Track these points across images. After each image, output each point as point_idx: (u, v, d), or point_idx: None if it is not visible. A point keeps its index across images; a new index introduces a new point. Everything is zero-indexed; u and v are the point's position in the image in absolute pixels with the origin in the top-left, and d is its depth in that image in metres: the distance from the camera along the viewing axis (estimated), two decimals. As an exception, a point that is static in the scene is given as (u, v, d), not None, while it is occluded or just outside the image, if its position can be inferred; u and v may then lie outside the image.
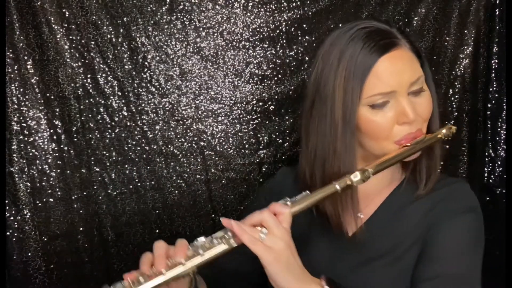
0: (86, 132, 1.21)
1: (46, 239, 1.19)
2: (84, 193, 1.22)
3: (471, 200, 0.89)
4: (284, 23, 1.25)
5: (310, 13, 1.25)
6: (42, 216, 1.19)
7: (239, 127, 1.27)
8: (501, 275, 1.24)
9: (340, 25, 1.09)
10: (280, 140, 1.30)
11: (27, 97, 1.16)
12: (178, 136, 1.25)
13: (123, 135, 1.23)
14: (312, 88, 0.87)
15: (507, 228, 1.14)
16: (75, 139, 1.20)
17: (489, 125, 1.35)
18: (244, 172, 1.29)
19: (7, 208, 1.16)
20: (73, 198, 1.21)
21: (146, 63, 1.21)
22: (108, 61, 1.19)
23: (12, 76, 1.15)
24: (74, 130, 1.20)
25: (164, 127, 1.24)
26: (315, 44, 1.25)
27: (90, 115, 1.20)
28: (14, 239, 1.17)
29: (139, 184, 1.25)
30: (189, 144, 1.26)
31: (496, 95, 1.33)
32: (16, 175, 1.17)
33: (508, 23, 1.25)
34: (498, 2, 1.29)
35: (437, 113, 0.88)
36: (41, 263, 1.19)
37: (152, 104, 1.23)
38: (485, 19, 1.31)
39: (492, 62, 1.32)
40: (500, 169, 1.34)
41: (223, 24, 1.23)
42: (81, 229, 1.22)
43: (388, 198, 0.91)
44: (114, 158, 1.23)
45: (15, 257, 1.17)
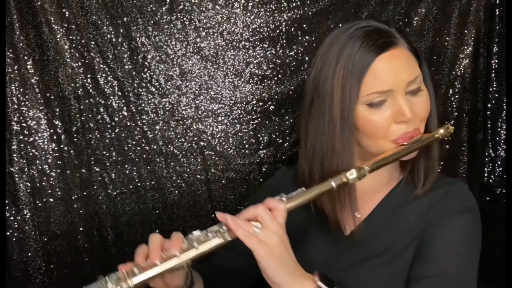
0: (86, 132, 1.21)
1: (46, 239, 1.19)
2: (84, 193, 1.22)
3: (469, 200, 0.89)
4: (284, 23, 1.24)
5: (310, 13, 1.25)
6: (42, 216, 1.19)
7: (239, 127, 1.27)
8: (501, 275, 1.24)
9: (340, 25, 1.09)
10: (280, 140, 1.30)
11: (27, 97, 1.16)
12: (178, 136, 1.25)
13: (123, 135, 1.23)
14: (311, 87, 0.88)
15: (507, 228, 1.14)
16: (75, 139, 1.20)
17: (489, 125, 1.35)
18: (244, 172, 1.29)
19: (7, 208, 1.16)
20: (73, 198, 1.21)
21: (146, 63, 1.21)
22: (108, 61, 1.19)
23: (12, 76, 1.15)
24: (74, 130, 1.20)
25: (164, 127, 1.24)
26: (315, 44, 1.25)
27: (90, 115, 1.21)
28: (14, 239, 1.17)
29: (139, 184, 1.25)
30: (189, 144, 1.26)
31: (496, 95, 1.33)
32: (16, 175, 1.17)
33: (508, 23, 1.25)
34: (498, 2, 1.29)
35: (435, 112, 0.88)
36: (41, 263, 1.19)
37: (152, 104, 1.23)
38: (485, 19, 1.31)
39: (492, 62, 1.32)
40: (500, 169, 1.34)
41: (223, 24, 1.23)
42: (81, 229, 1.22)
43: (386, 197, 0.91)
44: (114, 158, 1.23)
45: (15, 257, 1.17)
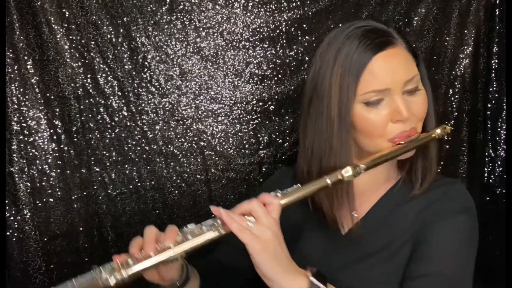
0: (86, 132, 1.21)
1: (46, 239, 1.20)
2: (84, 193, 1.22)
3: (466, 201, 0.89)
4: (284, 23, 1.25)
5: (310, 13, 1.25)
6: (42, 216, 1.19)
7: (239, 127, 1.27)
8: (501, 275, 1.24)
9: (340, 25, 1.09)
10: (280, 140, 1.30)
11: (27, 97, 1.16)
12: (178, 136, 1.25)
13: (123, 135, 1.23)
14: (310, 86, 0.88)
15: (507, 228, 1.14)
16: (75, 139, 1.21)
17: (489, 125, 1.35)
18: (244, 172, 1.29)
19: (7, 208, 1.16)
20: (73, 198, 1.21)
21: (146, 63, 1.21)
22: (108, 61, 1.19)
23: (12, 76, 1.15)
24: (74, 130, 1.20)
25: (164, 127, 1.24)
26: (315, 44, 1.25)
27: (90, 115, 1.21)
28: (14, 239, 1.17)
29: (139, 184, 1.25)
30: (189, 144, 1.26)
31: (496, 95, 1.33)
32: (16, 175, 1.17)
33: (508, 23, 1.25)
34: (498, 2, 1.29)
35: (433, 112, 0.88)
36: (41, 263, 1.19)
37: (152, 104, 1.23)
38: (485, 19, 1.31)
39: (492, 62, 1.32)
40: (500, 169, 1.34)
41: (223, 24, 1.23)
42: (81, 229, 1.22)
43: (384, 196, 0.92)
44: (114, 158, 1.23)
45: (15, 257, 1.18)
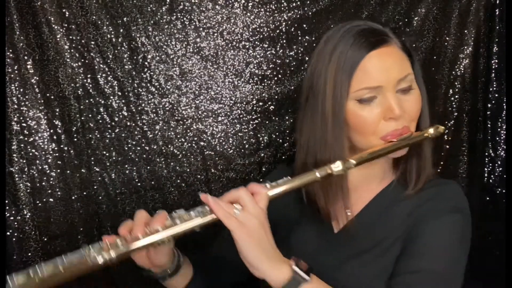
0: (86, 132, 1.21)
1: (46, 239, 1.19)
2: (84, 193, 1.22)
3: (460, 201, 0.89)
4: (284, 23, 1.25)
5: (310, 13, 1.25)
6: (42, 216, 1.19)
7: (239, 127, 1.27)
8: (501, 275, 1.24)
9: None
10: (280, 140, 1.30)
11: (27, 97, 1.16)
12: (178, 136, 1.25)
13: (123, 135, 1.23)
14: (306, 84, 0.90)
15: (507, 228, 1.14)
16: (75, 139, 1.20)
17: (489, 125, 1.35)
18: (244, 172, 1.29)
19: (7, 208, 1.16)
20: (73, 198, 1.21)
21: (146, 63, 1.21)
22: (108, 61, 1.19)
23: (12, 76, 1.15)
24: (74, 130, 1.20)
25: (164, 127, 1.24)
26: (315, 44, 1.24)
27: (90, 115, 1.20)
28: (14, 239, 1.17)
29: (139, 184, 1.24)
30: (189, 144, 1.26)
31: (496, 95, 1.33)
32: (16, 175, 1.17)
33: (508, 23, 1.25)
34: (498, 2, 1.29)
35: (427, 112, 0.89)
36: (41, 263, 1.19)
37: (152, 104, 1.23)
38: (485, 19, 1.31)
39: (492, 62, 1.33)
40: (500, 169, 1.35)
41: (223, 24, 1.23)
42: (81, 229, 1.22)
43: (378, 195, 0.92)
44: (114, 158, 1.23)
45: (15, 257, 1.17)
